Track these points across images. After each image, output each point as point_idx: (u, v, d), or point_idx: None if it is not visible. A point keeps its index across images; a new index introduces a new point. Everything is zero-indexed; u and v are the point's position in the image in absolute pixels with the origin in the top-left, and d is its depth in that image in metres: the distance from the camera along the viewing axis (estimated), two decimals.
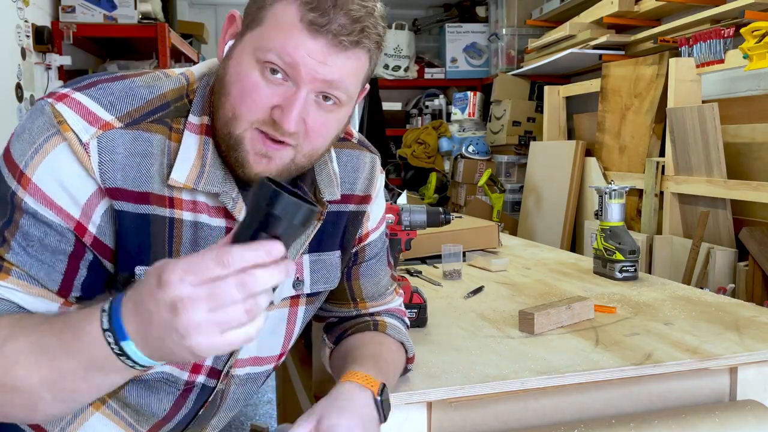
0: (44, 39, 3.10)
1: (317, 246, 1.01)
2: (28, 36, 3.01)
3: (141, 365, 0.67)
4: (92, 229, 0.83)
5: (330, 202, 0.98)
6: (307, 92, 0.81)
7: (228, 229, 0.90)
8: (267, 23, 0.80)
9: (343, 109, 0.86)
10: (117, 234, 0.84)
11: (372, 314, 1.11)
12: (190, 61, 4.46)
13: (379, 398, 0.89)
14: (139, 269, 0.85)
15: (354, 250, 1.08)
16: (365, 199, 1.05)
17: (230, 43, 0.86)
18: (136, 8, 3.45)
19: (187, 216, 0.87)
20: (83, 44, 3.62)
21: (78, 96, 0.83)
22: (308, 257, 1.01)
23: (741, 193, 2.43)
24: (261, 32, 0.81)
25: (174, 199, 0.86)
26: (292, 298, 1.01)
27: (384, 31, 0.84)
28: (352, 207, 1.04)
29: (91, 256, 0.84)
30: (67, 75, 3.39)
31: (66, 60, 3.26)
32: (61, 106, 0.82)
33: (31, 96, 3.03)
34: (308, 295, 1.03)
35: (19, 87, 2.91)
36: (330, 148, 0.95)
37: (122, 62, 3.75)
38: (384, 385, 0.91)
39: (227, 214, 0.89)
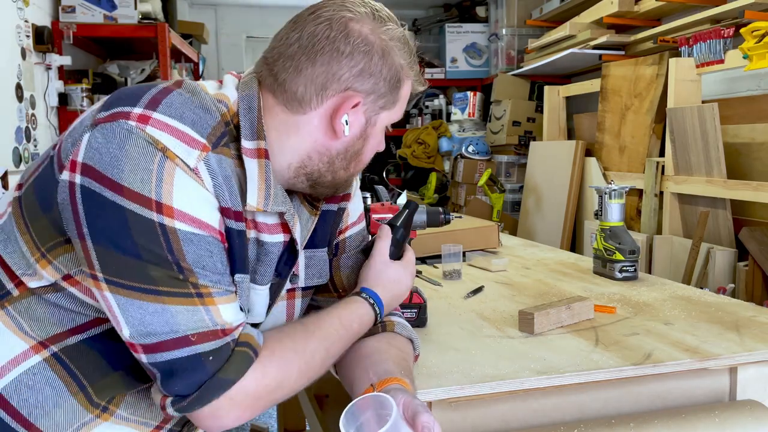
0: (44, 39, 3.10)
1: (311, 243, 1.07)
2: (28, 36, 3.02)
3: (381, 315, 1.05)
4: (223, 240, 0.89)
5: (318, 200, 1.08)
6: None
7: (285, 243, 0.99)
8: (400, 101, 1.00)
9: None
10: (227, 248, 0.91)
11: None
12: (190, 61, 4.46)
13: None
14: (238, 276, 0.91)
15: (335, 243, 1.14)
16: (345, 197, 1.13)
17: (345, 117, 0.95)
18: (136, 8, 3.45)
19: (251, 234, 0.95)
20: (83, 44, 3.62)
21: (160, 117, 0.84)
22: (303, 253, 1.06)
23: (741, 193, 2.43)
24: (396, 111, 1.00)
25: (247, 219, 0.93)
26: (288, 291, 1.08)
27: None
28: (336, 206, 1.11)
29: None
30: (67, 75, 3.39)
31: (66, 60, 3.26)
32: (152, 130, 0.82)
33: (31, 96, 3.03)
34: (303, 289, 1.10)
35: (19, 87, 2.91)
36: None
37: (122, 62, 3.75)
38: None
39: (285, 229, 0.97)
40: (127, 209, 0.80)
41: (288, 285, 1.06)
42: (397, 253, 1.12)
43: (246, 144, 0.90)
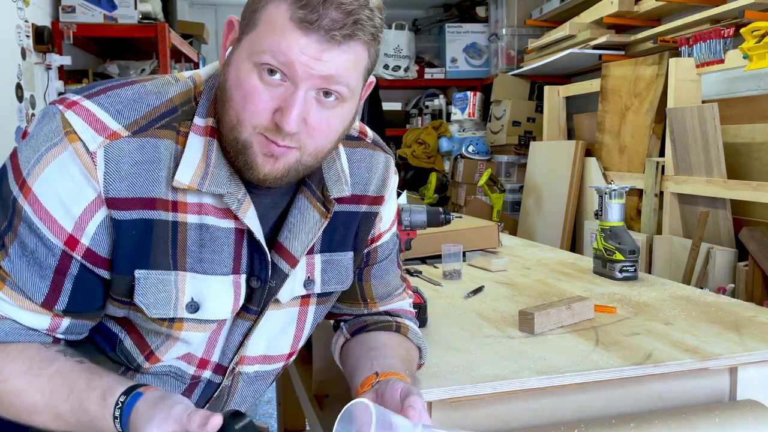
0: (44, 39, 3.09)
1: (329, 246, 1.00)
2: (28, 36, 3.02)
3: None
4: (85, 240, 0.84)
5: (339, 201, 0.97)
6: (306, 90, 0.80)
7: (237, 230, 0.89)
8: (260, 26, 0.80)
9: (345, 104, 0.84)
10: (114, 242, 0.85)
11: (387, 312, 1.10)
12: (190, 61, 4.45)
13: None
14: (138, 272, 0.86)
15: (366, 251, 1.06)
16: (378, 200, 1.03)
17: (230, 49, 0.86)
18: (136, 8, 3.45)
19: (192, 219, 0.87)
20: (83, 44, 3.62)
21: (87, 104, 0.84)
22: (320, 257, 0.99)
23: (741, 193, 2.43)
24: (255, 35, 0.80)
25: (178, 203, 0.86)
26: (302, 297, 1.00)
27: (381, 23, 0.83)
28: (364, 208, 1.02)
29: (76, 270, 0.85)
30: (67, 75, 3.39)
31: (66, 60, 3.26)
32: (70, 114, 0.83)
33: (31, 96, 3.03)
34: (319, 295, 1.02)
35: (19, 87, 2.91)
36: (337, 145, 0.92)
37: (122, 62, 3.75)
38: None
39: (236, 215, 0.89)
40: (6, 176, 0.85)
41: (303, 291, 0.99)
42: None
43: (197, 121, 0.87)
